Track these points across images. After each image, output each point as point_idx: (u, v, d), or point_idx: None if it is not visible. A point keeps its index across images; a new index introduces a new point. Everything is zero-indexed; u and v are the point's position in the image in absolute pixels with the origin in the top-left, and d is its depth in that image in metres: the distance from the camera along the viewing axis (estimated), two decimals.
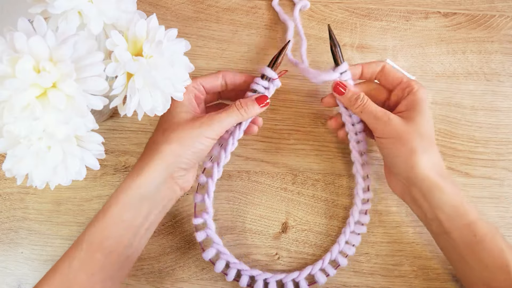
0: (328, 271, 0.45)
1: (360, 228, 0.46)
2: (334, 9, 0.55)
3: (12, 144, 0.31)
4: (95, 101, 0.32)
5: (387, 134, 0.41)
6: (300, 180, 0.50)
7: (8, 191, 0.48)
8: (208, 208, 0.44)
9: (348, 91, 0.43)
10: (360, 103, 0.42)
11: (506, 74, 0.53)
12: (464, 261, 0.40)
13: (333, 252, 0.45)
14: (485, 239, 0.38)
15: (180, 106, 0.40)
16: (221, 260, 0.44)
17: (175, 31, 0.36)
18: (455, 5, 0.56)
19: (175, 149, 0.38)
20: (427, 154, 0.40)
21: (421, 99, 0.41)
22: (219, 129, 0.40)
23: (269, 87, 0.43)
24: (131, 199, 0.37)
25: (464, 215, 0.39)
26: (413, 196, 0.41)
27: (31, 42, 0.28)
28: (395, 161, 0.41)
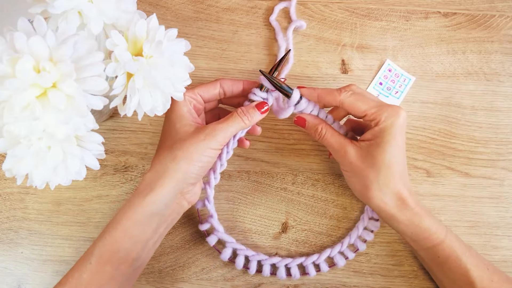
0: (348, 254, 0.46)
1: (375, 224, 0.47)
2: (334, 9, 0.55)
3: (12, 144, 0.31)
4: (95, 101, 0.31)
5: (344, 167, 0.42)
6: (300, 180, 0.50)
7: (8, 191, 0.48)
8: (211, 212, 0.45)
9: (307, 123, 0.43)
10: (319, 136, 0.43)
11: (506, 74, 0.53)
12: (434, 275, 0.45)
13: (352, 236, 0.47)
14: (448, 260, 0.41)
15: (181, 120, 0.40)
16: (240, 256, 0.45)
17: (175, 31, 0.36)
18: (455, 5, 0.56)
19: (183, 167, 0.38)
20: (383, 189, 0.40)
21: (387, 131, 0.40)
22: (223, 139, 0.40)
23: (268, 98, 0.43)
24: (141, 216, 0.38)
25: (424, 240, 0.41)
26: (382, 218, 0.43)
27: (31, 42, 0.28)
28: (354, 189, 0.42)
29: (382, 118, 0.40)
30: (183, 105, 0.40)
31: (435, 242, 0.41)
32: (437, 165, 0.50)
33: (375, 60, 0.53)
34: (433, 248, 0.41)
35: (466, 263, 0.40)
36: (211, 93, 0.43)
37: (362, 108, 0.41)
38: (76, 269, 0.37)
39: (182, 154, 0.38)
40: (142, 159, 0.49)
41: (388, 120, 0.40)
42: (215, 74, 0.52)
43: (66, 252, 0.47)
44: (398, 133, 0.40)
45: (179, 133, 0.40)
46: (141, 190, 0.39)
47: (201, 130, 0.39)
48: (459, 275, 0.40)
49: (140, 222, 0.38)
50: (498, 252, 0.48)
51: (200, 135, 0.39)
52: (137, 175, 0.49)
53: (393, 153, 0.40)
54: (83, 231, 0.47)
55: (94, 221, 0.47)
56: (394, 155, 0.40)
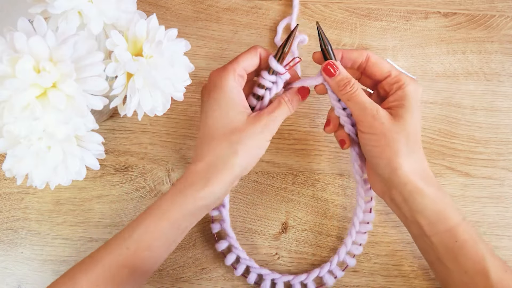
0: (336, 273, 0.45)
1: (366, 227, 0.46)
2: (334, 9, 0.55)
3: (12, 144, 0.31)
4: (95, 101, 0.32)
5: (373, 130, 0.38)
6: (300, 180, 0.50)
7: (8, 191, 0.48)
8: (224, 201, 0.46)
9: (339, 73, 0.39)
10: (350, 90, 0.39)
11: (506, 74, 0.53)
12: (443, 264, 0.39)
13: (341, 253, 0.45)
14: (466, 244, 0.37)
15: (233, 106, 0.38)
16: (232, 253, 0.45)
17: (175, 31, 0.36)
18: (455, 5, 0.56)
19: (243, 163, 0.38)
20: (412, 157, 0.38)
21: (411, 96, 0.38)
22: (275, 129, 0.39)
23: (277, 81, 0.41)
24: (192, 210, 0.37)
25: (445, 220, 0.38)
26: (393, 198, 0.40)
27: (31, 42, 0.28)
28: (377, 161, 0.39)
29: (406, 82, 0.39)
30: (232, 87, 0.38)
31: (455, 222, 0.37)
32: (437, 165, 0.50)
33: None
34: (452, 230, 0.37)
35: (483, 249, 0.37)
36: (253, 65, 0.40)
37: (387, 68, 0.39)
38: (110, 250, 0.36)
39: (243, 149, 0.37)
40: (142, 159, 0.49)
41: (412, 85, 0.39)
42: None
43: (66, 252, 0.47)
44: (419, 102, 0.39)
45: (234, 122, 0.38)
46: (193, 181, 0.37)
47: (257, 121, 0.38)
48: (473, 263, 0.37)
49: (190, 214, 0.37)
50: (498, 252, 0.48)
51: (257, 127, 0.38)
52: (137, 175, 0.49)
53: (418, 120, 0.38)
54: (83, 231, 0.47)
55: (94, 221, 0.47)
56: (419, 125, 0.39)
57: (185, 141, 0.50)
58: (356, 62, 0.41)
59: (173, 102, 0.38)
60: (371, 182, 0.43)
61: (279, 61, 0.40)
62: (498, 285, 0.36)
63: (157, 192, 0.48)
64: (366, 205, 0.46)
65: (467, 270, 0.37)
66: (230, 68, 0.39)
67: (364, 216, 0.46)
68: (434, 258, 0.40)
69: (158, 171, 0.49)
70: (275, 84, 0.41)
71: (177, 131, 0.50)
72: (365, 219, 0.46)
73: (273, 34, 0.54)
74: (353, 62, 0.41)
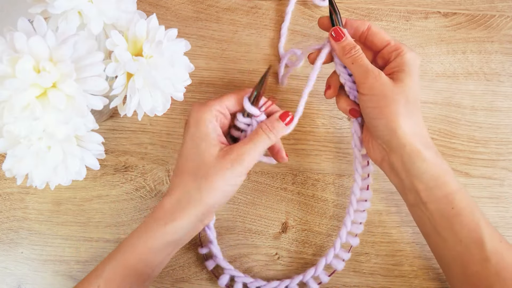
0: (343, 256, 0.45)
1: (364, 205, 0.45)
2: None
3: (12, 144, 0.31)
4: (95, 101, 0.32)
5: (373, 91, 0.39)
6: (300, 180, 0.50)
7: (8, 191, 0.48)
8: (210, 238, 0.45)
9: (345, 38, 0.41)
10: (354, 53, 0.40)
11: (506, 74, 0.53)
12: (438, 234, 0.38)
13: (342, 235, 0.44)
14: (462, 212, 0.37)
15: (205, 139, 0.37)
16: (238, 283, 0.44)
17: (175, 31, 0.36)
18: (455, 5, 0.56)
19: (209, 200, 0.37)
20: (411, 119, 0.38)
21: (410, 62, 0.39)
22: (250, 164, 0.37)
23: (252, 123, 0.40)
24: (159, 244, 0.37)
25: (443, 185, 0.37)
26: (392, 163, 0.39)
27: (31, 42, 0.28)
28: (376, 122, 0.39)
29: (405, 49, 0.40)
30: (209, 122, 0.38)
31: (453, 188, 0.37)
32: None
33: None
34: (449, 196, 0.37)
35: (479, 218, 0.37)
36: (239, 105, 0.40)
37: (386, 37, 0.41)
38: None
39: (207, 185, 0.36)
40: (142, 159, 0.49)
41: (411, 52, 0.40)
42: (215, 74, 0.52)
43: (66, 252, 0.47)
44: (418, 69, 0.40)
45: (203, 156, 0.37)
46: (160, 217, 0.37)
47: (227, 155, 0.37)
48: (468, 231, 0.37)
49: (157, 249, 0.37)
50: None
51: (226, 163, 0.36)
52: (137, 175, 0.49)
53: (418, 86, 0.39)
54: (83, 231, 0.47)
55: (94, 221, 0.47)
56: (419, 91, 0.39)
57: None
58: (358, 30, 0.42)
59: (173, 102, 0.38)
60: (369, 149, 0.42)
61: (254, 103, 0.39)
62: (492, 255, 0.36)
63: (157, 192, 0.48)
64: (363, 182, 0.45)
65: (462, 239, 0.37)
66: (210, 104, 0.39)
67: (361, 194, 0.45)
68: (430, 228, 0.39)
69: (158, 171, 0.49)
70: (250, 126, 0.40)
71: (177, 131, 0.50)
72: (362, 197, 0.45)
73: (273, 34, 0.54)
74: (355, 30, 0.42)
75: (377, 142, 0.41)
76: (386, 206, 0.49)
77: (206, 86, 0.52)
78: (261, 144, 0.38)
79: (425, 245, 0.47)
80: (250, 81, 0.52)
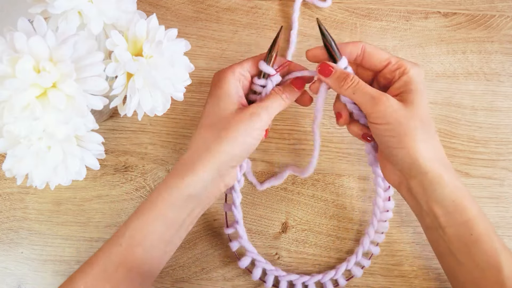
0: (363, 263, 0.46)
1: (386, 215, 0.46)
2: (334, 9, 0.55)
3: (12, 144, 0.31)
4: (95, 101, 0.32)
5: (386, 119, 0.36)
6: (300, 180, 0.50)
7: (8, 191, 0.48)
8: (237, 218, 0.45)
9: (336, 70, 0.38)
10: (351, 83, 0.37)
11: (506, 74, 0.53)
12: (455, 257, 0.37)
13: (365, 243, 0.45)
14: (481, 238, 0.36)
15: (226, 98, 0.38)
16: (258, 268, 0.45)
17: (175, 31, 0.36)
18: (455, 5, 0.56)
19: (227, 149, 0.36)
20: (430, 143, 0.37)
21: (417, 80, 0.37)
22: (267, 118, 0.38)
23: (267, 84, 0.40)
24: (178, 198, 0.36)
25: (463, 211, 0.36)
26: (411, 189, 0.38)
27: (31, 42, 0.28)
28: (395, 152, 0.37)
29: (409, 66, 0.37)
30: (231, 82, 0.38)
31: (472, 214, 0.36)
32: None
33: None
34: (468, 222, 0.36)
35: (496, 243, 0.36)
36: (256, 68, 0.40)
37: (385, 56, 0.38)
38: (105, 250, 0.36)
39: (227, 134, 0.36)
40: (142, 159, 0.49)
41: (415, 68, 0.38)
42: None
43: (66, 252, 0.47)
44: (424, 84, 0.38)
45: (223, 112, 0.38)
46: (178, 171, 0.37)
47: (245, 109, 0.38)
48: (486, 257, 0.36)
49: (176, 205, 0.36)
50: None
51: (245, 115, 0.37)
52: (137, 175, 0.49)
53: (427, 103, 0.37)
54: (83, 231, 0.47)
55: (94, 221, 0.47)
56: (428, 106, 0.37)
57: (185, 141, 0.50)
58: (352, 55, 0.39)
59: (173, 102, 0.38)
60: (386, 173, 0.41)
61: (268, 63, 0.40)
62: (509, 280, 0.35)
63: None
64: (384, 194, 0.45)
65: (478, 264, 0.36)
66: (232, 66, 0.40)
67: (384, 204, 0.45)
68: (446, 250, 0.38)
69: (158, 171, 0.49)
70: (265, 88, 0.41)
71: (177, 131, 0.50)
72: (385, 207, 0.45)
73: (273, 34, 0.54)
74: (348, 55, 0.39)
75: (395, 167, 0.39)
76: None
77: (206, 86, 0.52)
78: (276, 103, 0.39)
79: (425, 245, 0.47)
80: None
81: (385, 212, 0.46)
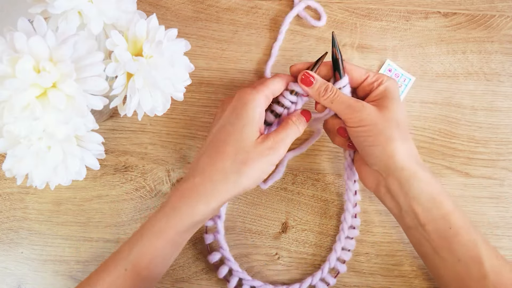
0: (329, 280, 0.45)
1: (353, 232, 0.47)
2: (334, 9, 0.55)
3: (12, 144, 0.31)
4: (95, 101, 0.32)
5: (363, 122, 0.39)
6: (300, 180, 0.50)
7: (8, 191, 0.48)
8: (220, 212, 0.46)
9: (316, 81, 0.41)
10: (330, 94, 0.40)
11: (506, 74, 0.53)
12: (437, 254, 0.39)
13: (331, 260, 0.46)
14: (459, 231, 0.37)
15: (251, 124, 0.38)
16: (225, 266, 0.45)
17: (175, 31, 0.36)
18: (455, 5, 0.56)
19: (245, 184, 0.37)
20: (405, 142, 0.39)
21: (393, 88, 0.40)
22: (284, 152, 0.39)
23: (297, 102, 0.42)
24: (188, 226, 0.37)
25: (440, 205, 0.38)
26: (389, 188, 0.39)
27: (31, 42, 0.28)
28: (371, 150, 0.39)
29: (386, 78, 0.41)
30: (257, 109, 0.38)
31: (450, 208, 0.38)
32: (437, 165, 0.50)
33: (375, 60, 0.53)
34: (446, 217, 0.38)
35: (476, 236, 0.37)
36: (280, 90, 0.41)
37: (364, 70, 0.41)
38: (107, 272, 0.36)
39: (246, 170, 0.37)
40: (142, 159, 0.49)
41: (390, 80, 0.41)
42: (215, 74, 0.52)
43: (66, 252, 0.47)
44: (398, 93, 0.41)
45: (245, 141, 0.38)
46: (190, 197, 0.37)
47: (264, 142, 0.38)
48: (466, 250, 0.37)
49: (185, 231, 0.37)
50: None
51: (264, 150, 0.38)
52: (137, 175, 0.49)
53: (404, 111, 0.40)
54: (83, 231, 0.47)
55: (94, 221, 0.47)
56: (405, 114, 0.40)
57: (185, 141, 0.50)
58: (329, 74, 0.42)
59: (173, 102, 0.38)
60: (363, 176, 0.43)
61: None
62: (491, 272, 0.36)
63: (157, 192, 0.48)
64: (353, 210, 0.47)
65: (460, 258, 0.37)
66: (261, 89, 0.40)
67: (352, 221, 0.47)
68: (428, 249, 0.39)
69: (158, 171, 0.49)
70: (294, 104, 0.42)
71: (177, 131, 0.50)
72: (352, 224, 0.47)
73: (273, 34, 0.54)
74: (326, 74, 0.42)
75: (372, 168, 0.41)
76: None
77: (206, 86, 0.52)
78: (292, 135, 0.40)
79: None
80: (250, 81, 0.52)
81: (352, 229, 0.47)
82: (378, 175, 0.40)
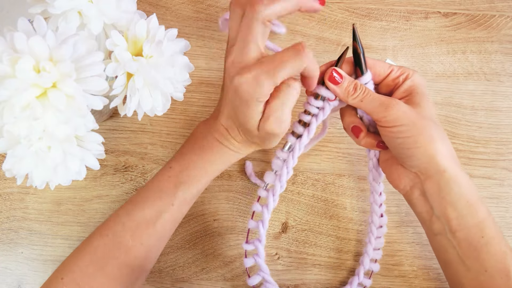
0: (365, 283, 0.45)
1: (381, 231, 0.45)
2: (334, 9, 0.55)
3: (12, 144, 0.31)
4: (95, 101, 0.32)
5: (399, 121, 0.36)
6: (300, 180, 0.50)
7: (8, 191, 0.48)
8: (261, 237, 0.41)
9: (344, 79, 0.38)
10: (360, 92, 0.37)
11: (506, 74, 0.53)
12: (462, 263, 0.37)
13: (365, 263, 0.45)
14: (491, 241, 0.36)
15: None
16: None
17: (175, 31, 0.36)
18: (455, 5, 0.56)
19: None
20: (444, 142, 0.36)
21: (421, 83, 0.38)
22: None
23: (324, 107, 0.39)
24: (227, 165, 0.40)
25: (475, 213, 0.36)
26: (425, 191, 0.37)
27: (31, 42, 0.28)
28: (411, 152, 0.36)
29: (411, 72, 0.38)
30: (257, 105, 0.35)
31: (484, 215, 0.36)
32: None
33: None
34: (480, 225, 0.36)
35: (506, 247, 0.36)
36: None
37: (386, 65, 0.39)
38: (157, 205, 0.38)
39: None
40: (142, 159, 0.49)
41: (417, 74, 0.38)
42: (215, 74, 0.52)
43: (66, 252, 0.47)
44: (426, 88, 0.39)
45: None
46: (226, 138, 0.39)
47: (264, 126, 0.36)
48: (495, 261, 0.35)
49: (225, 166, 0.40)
50: None
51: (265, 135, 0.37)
52: (137, 175, 0.49)
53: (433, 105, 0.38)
54: (83, 231, 0.47)
55: (94, 221, 0.47)
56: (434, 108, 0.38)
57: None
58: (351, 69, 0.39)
59: (173, 102, 0.38)
60: (396, 178, 0.40)
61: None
62: None
63: None
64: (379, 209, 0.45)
65: (487, 269, 0.36)
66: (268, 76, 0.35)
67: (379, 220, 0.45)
68: (454, 256, 0.37)
69: (158, 171, 0.49)
70: (321, 110, 0.39)
71: (177, 131, 0.50)
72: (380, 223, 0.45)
73: (272, 34, 0.54)
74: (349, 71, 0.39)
75: (409, 170, 0.38)
76: (386, 206, 0.49)
77: (206, 86, 0.52)
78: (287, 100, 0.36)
79: (425, 245, 0.47)
80: None
81: (380, 228, 0.45)
82: (415, 177, 0.38)
